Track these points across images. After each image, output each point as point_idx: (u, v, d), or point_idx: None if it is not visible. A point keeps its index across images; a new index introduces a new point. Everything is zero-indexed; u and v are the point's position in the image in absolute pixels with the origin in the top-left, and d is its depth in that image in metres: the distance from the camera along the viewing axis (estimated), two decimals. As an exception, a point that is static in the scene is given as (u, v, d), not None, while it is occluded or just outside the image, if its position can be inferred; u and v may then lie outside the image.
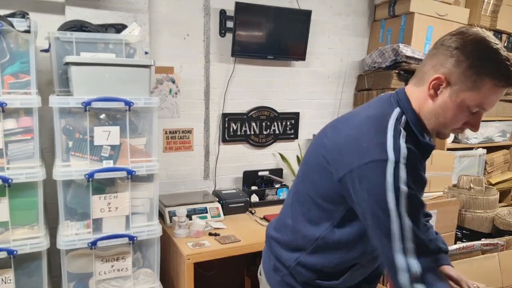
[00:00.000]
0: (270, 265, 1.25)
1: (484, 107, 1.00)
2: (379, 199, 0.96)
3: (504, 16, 3.17)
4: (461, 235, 2.76)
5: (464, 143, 3.19)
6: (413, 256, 0.96)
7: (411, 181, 0.96)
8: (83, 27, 1.93)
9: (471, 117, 1.02)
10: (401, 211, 0.95)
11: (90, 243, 1.86)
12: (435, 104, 1.03)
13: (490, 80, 0.96)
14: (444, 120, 1.03)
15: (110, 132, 1.85)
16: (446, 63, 0.99)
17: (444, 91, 1.01)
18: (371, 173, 0.97)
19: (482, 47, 0.96)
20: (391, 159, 0.96)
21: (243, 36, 2.63)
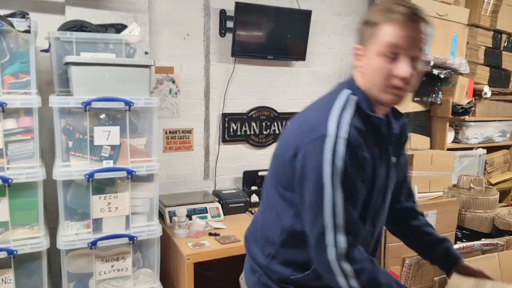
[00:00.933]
0: (248, 267, 1.26)
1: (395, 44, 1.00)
2: (317, 174, 0.98)
3: (504, 16, 3.17)
4: (461, 235, 2.76)
5: (464, 143, 3.19)
6: (342, 233, 0.98)
7: (349, 158, 0.98)
8: (83, 27, 1.93)
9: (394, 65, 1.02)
10: (335, 186, 0.97)
11: (90, 243, 1.86)
12: (365, 70, 1.07)
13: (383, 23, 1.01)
14: (373, 79, 1.04)
15: (110, 132, 1.85)
16: (357, 36, 1.09)
17: (363, 57, 1.06)
18: (313, 149, 1.00)
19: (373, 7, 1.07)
20: (331, 134, 0.98)
21: (243, 36, 2.63)
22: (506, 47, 3.30)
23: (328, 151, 0.97)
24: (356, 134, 1.00)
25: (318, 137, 0.99)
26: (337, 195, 0.98)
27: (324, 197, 0.98)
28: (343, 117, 1.02)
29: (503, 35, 3.26)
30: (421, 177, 2.80)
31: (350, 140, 0.98)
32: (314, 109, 1.12)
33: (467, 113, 3.01)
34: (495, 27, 3.16)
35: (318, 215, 0.99)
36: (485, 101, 3.17)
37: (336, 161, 0.97)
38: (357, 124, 1.02)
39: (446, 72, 2.95)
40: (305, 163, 1.01)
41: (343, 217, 0.98)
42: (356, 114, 1.04)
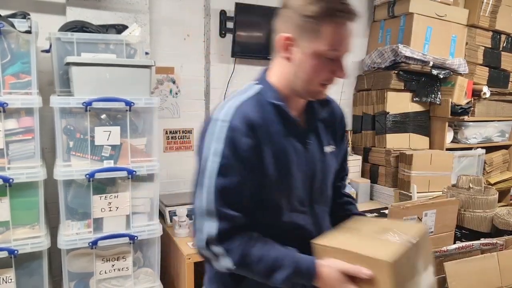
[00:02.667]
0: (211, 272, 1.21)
1: (336, 48, 0.98)
2: (199, 157, 1.00)
3: (503, 17, 3.18)
4: (460, 234, 2.76)
5: (463, 143, 3.20)
6: (214, 219, 0.96)
7: (229, 143, 0.96)
8: (84, 27, 1.94)
9: (332, 64, 1.00)
10: (211, 170, 0.96)
11: (90, 242, 1.86)
12: (293, 64, 1.02)
13: (323, 18, 0.95)
14: (306, 76, 1.01)
15: (111, 132, 1.86)
16: (284, 25, 1.00)
17: (295, 49, 1.00)
18: (201, 132, 1.02)
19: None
20: (217, 118, 0.99)
21: (243, 37, 2.64)
22: (505, 48, 3.31)
23: (209, 134, 0.98)
24: (240, 120, 0.97)
25: (209, 121, 1.01)
26: (210, 180, 0.96)
27: (200, 181, 0.98)
28: (235, 104, 1.01)
29: (502, 35, 3.27)
30: (420, 177, 2.81)
31: (231, 125, 0.97)
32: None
33: (466, 113, 3.02)
34: (494, 27, 3.16)
35: (194, 198, 1.01)
36: (484, 101, 3.18)
37: (214, 144, 0.96)
38: (248, 111, 1.00)
39: (445, 72, 2.96)
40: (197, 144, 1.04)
41: (214, 202, 0.96)
42: (254, 101, 1.03)
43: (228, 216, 0.97)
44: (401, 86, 2.93)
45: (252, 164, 0.99)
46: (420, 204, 2.47)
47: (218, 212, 0.97)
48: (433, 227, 2.54)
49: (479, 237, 2.51)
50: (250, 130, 0.98)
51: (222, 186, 0.96)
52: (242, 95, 1.05)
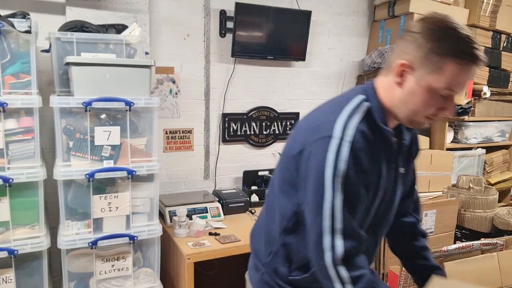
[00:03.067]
0: (252, 264, 1.26)
1: (453, 89, 0.97)
2: (318, 176, 0.97)
3: (503, 16, 3.17)
4: (460, 234, 2.76)
5: (464, 143, 3.20)
6: (340, 238, 0.96)
7: (352, 162, 0.95)
8: (83, 27, 1.94)
9: (443, 102, 0.99)
10: (336, 189, 0.95)
11: (90, 242, 1.86)
12: (404, 91, 1.01)
13: (452, 59, 0.93)
14: (414, 107, 1.00)
15: (111, 132, 1.85)
16: (408, 48, 0.98)
17: (410, 77, 0.99)
18: (316, 149, 0.98)
19: (440, 28, 0.96)
20: (336, 136, 0.97)
21: (243, 37, 2.64)
22: (506, 47, 3.31)
23: (331, 153, 0.95)
24: (361, 139, 0.98)
25: (323, 137, 0.98)
26: (337, 198, 0.95)
27: (324, 199, 0.96)
28: (350, 121, 0.99)
29: (502, 35, 3.26)
30: (420, 177, 2.81)
31: (354, 144, 0.96)
32: (324, 110, 1.09)
33: (466, 113, 3.02)
34: (494, 27, 3.16)
35: (317, 217, 0.97)
36: (484, 101, 3.18)
37: (338, 163, 0.95)
38: (365, 130, 1.00)
39: (445, 72, 2.96)
40: (309, 163, 1.00)
41: (341, 222, 0.96)
42: (365, 121, 1.02)
43: (355, 235, 0.98)
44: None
45: (369, 184, 1.02)
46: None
47: (345, 231, 0.96)
48: (433, 227, 2.54)
49: (479, 237, 2.51)
50: (368, 150, 0.99)
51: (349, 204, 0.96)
52: (354, 112, 1.02)
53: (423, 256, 1.32)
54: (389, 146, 1.08)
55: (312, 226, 0.99)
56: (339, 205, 0.96)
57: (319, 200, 0.97)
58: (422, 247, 1.33)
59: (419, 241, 1.34)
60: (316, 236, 0.98)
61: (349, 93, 1.11)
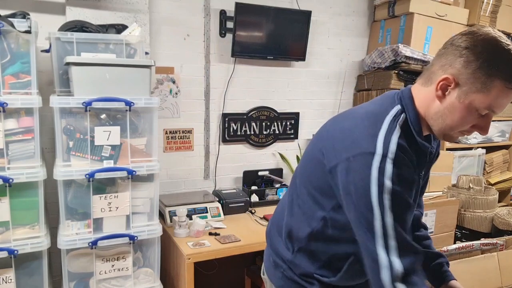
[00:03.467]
0: (271, 262, 1.26)
1: (493, 110, 0.96)
2: (363, 193, 0.94)
3: (504, 17, 3.18)
4: (460, 234, 2.76)
5: (464, 143, 3.20)
6: (396, 255, 0.94)
7: (397, 177, 0.94)
8: (83, 27, 1.94)
9: (480, 120, 0.99)
10: (385, 207, 0.93)
11: (90, 242, 1.86)
12: (443, 105, 0.99)
13: (501, 81, 0.92)
14: (451, 122, 1.00)
15: (111, 132, 1.85)
16: (455, 63, 0.95)
17: (452, 92, 0.97)
18: (357, 165, 0.96)
19: (492, 47, 0.92)
20: (379, 153, 0.94)
21: (243, 37, 2.64)
22: (506, 47, 3.31)
23: (375, 170, 0.93)
24: (402, 153, 0.96)
25: (364, 153, 0.96)
26: (387, 216, 0.93)
27: (374, 217, 0.94)
28: (392, 136, 0.97)
29: (502, 35, 3.26)
30: (420, 177, 2.81)
31: (397, 160, 0.94)
32: (361, 119, 1.04)
33: (466, 113, 3.02)
34: (494, 27, 3.16)
35: (368, 232, 0.95)
36: (484, 101, 3.18)
37: (384, 181, 0.93)
38: (404, 144, 0.98)
39: (445, 72, 2.96)
40: (350, 179, 0.97)
41: (394, 239, 0.94)
42: (403, 133, 1.00)
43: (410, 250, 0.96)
44: (401, 86, 2.93)
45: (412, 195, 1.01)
46: (420, 204, 2.46)
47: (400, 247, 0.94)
48: (433, 227, 2.54)
49: (479, 237, 2.51)
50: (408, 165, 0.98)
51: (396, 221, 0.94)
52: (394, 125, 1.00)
53: (425, 245, 1.34)
54: (424, 157, 1.09)
55: (365, 242, 0.97)
56: (390, 222, 0.94)
57: (369, 218, 0.95)
58: (424, 237, 1.35)
59: (421, 232, 1.36)
60: (372, 253, 0.96)
61: (384, 101, 1.08)
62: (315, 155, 1.10)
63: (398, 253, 0.94)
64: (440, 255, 1.34)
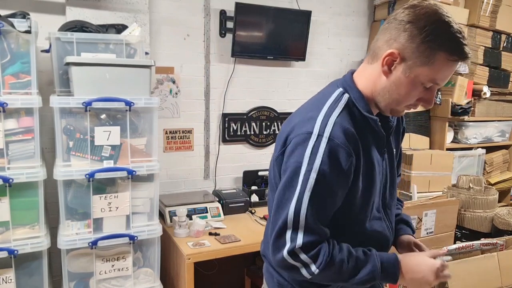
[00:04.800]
0: (274, 283, 1.20)
1: (437, 82, 0.98)
2: (294, 171, 0.97)
3: (504, 16, 3.17)
4: (460, 234, 2.76)
5: (464, 143, 3.20)
6: (300, 232, 0.96)
7: (328, 158, 0.95)
8: (83, 27, 1.94)
9: (425, 93, 1.00)
10: (307, 185, 0.95)
11: (90, 242, 1.86)
12: (389, 80, 1.00)
13: (443, 54, 0.93)
14: (397, 96, 1.00)
15: (111, 132, 1.85)
16: (399, 37, 0.95)
17: (398, 67, 0.97)
18: (295, 146, 0.99)
19: (434, 20, 0.94)
20: (315, 133, 0.97)
21: (243, 37, 2.64)
22: (506, 47, 3.31)
23: (308, 149, 0.96)
24: (340, 134, 0.97)
25: (301, 134, 0.99)
26: (305, 195, 0.96)
27: (294, 194, 0.97)
28: (330, 117, 0.99)
29: (502, 35, 3.26)
30: (420, 177, 2.81)
31: (332, 140, 0.96)
32: (305, 108, 1.10)
33: (466, 113, 3.02)
34: (494, 27, 3.16)
35: (283, 210, 0.98)
36: (484, 101, 3.18)
37: (314, 160, 0.95)
38: (346, 124, 0.99)
39: (445, 72, 2.96)
40: (286, 160, 1.01)
41: (304, 218, 0.96)
42: (346, 113, 1.02)
43: (317, 230, 0.98)
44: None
45: (348, 179, 1.00)
46: (420, 204, 2.47)
47: (308, 226, 0.96)
48: (433, 227, 2.54)
49: (479, 237, 2.51)
50: (349, 144, 0.98)
51: (316, 201, 0.96)
52: (334, 106, 1.02)
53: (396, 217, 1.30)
54: (377, 133, 1.07)
55: (276, 218, 0.99)
56: (306, 201, 0.96)
57: (288, 194, 0.98)
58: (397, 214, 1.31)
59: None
60: (279, 230, 0.98)
61: (327, 88, 1.11)
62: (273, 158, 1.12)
63: (303, 232, 0.97)
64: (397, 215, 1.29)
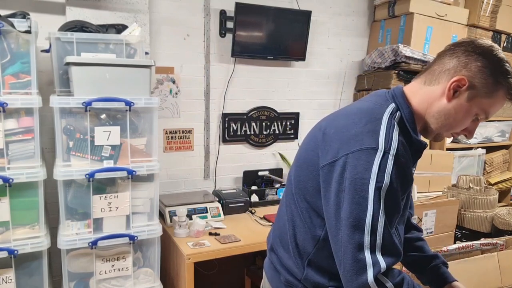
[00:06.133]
0: (281, 281, 1.17)
1: (487, 115, 1.03)
2: (359, 188, 0.93)
3: (504, 16, 3.17)
4: (460, 234, 2.76)
5: (464, 143, 3.20)
6: (379, 253, 0.93)
7: (396, 176, 0.94)
8: (83, 27, 1.94)
9: (472, 123, 1.05)
10: (380, 203, 0.93)
11: (90, 242, 1.86)
12: (450, 104, 1.02)
13: (505, 90, 0.99)
14: (452, 122, 1.03)
15: (111, 132, 1.85)
16: (469, 65, 0.99)
17: (463, 94, 1.00)
18: (357, 161, 0.94)
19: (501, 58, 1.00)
20: (381, 149, 0.94)
21: (243, 37, 2.64)
22: (506, 47, 3.31)
23: (375, 166, 0.93)
24: (404, 153, 0.97)
25: (366, 149, 0.95)
26: (379, 213, 0.93)
27: (366, 213, 0.93)
28: (393, 133, 0.97)
29: (502, 35, 3.26)
30: (420, 177, 2.81)
31: (398, 157, 0.95)
32: (357, 117, 1.02)
33: (466, 113, 3.02)
34: (494, 27, 3.16)
35: (355, 231, 0.93)
36: (484, 101, 3.18)
37: (383, 177, 0.93)
38: (405, 142, 0.99)
39: (445, 72, 2.96)
40: (346, 175, 0.95)
41: (381, 237, 0.93)
42: (401, 132, 1.01)
43: (395, 251, 0.96)
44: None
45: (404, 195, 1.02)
46: (420, 204, 2.47)
47: (384, 246, 0.94)
48: (433, 227, 2.54)
49: (479, 237, 2.51)
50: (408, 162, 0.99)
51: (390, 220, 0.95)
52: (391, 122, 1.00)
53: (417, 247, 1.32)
54: (418, 155, 1.10)
55: (349, 241, 0.94)
56: (381, 220, 0.93)
57: (359, 214, 0.93)
58: (416, 238, 1.33)
59: (413, 234, 1.33)
60: (354, 253, 0.93)
61: (377, 99, 1.08)
62: (309, 158, 1.08)
63: (381, 252, 0.94)
64: (435, 256, 1.31)
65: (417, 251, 1.32)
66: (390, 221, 0.96)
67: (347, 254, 0.95)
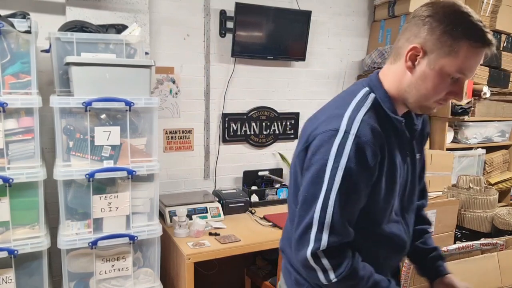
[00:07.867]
0: (292, 280, 1.19)
1: (464, 72, 0.97)
2: (318, 167, 0.97)
3: (504, 16, 3.17)
4: (460, 234, 2.76)
5: (464, 143, 3.20)
6: (326, 231, 0.96)
7: (355, 156, 0.95)
8: (83, 27, 1.94)
9: (453, 86, 1.00)
10: (334, 182, 0.95)
11: (90, 242, 1.86)
12: (414, 75, 1.00)
13: (466, 41, 0.94)
14: (425, 91, 1.00)
15: (111, 132, 1.85)
16: (420, 32, 0.97)
17: (422, 61, 0.98)
18: (320, 142, 0.99)
19: (453, 11, 0.96)
20: (342, 129, 0.97)
21: (243, 37, 2.64)
22: (506, 47, 3.31)
23: (335, 146, 0.96)
24: (368, 132, 0.97)
25: (328, 130, 0.98)
26: (332, 192, 0.96)
27: (321, 191, 0.97)
28: (357, 114, 0.99)
29: (502, 35, 3.26)
30: (420, 177, 2.81)
31: (360, 137, 0.96)
32: (330, 106, 1.10)
33: (466, 113, 3.02)
34: (494, 27, 3.16)
35: (309, 208, 0.98)
36: (484, 101, 3.18)
37: (341, 156, 0.95)
38: (372, 122, 0.99)
39: (445, 72, 2.96)
40: (311, 156, 1.00)
41: (331, 216, 0.96)
42: (372, 113, 1.02)
43: (343, 230, 0.98)
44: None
45: (373, 177, 1.00)
46: (420, 204, 2.46)
47: (334, 225, 0.96)
48: (433, 227, 2.54)
49: (479, 237, 2.51)
50: (376, 143, 0.98)
51: (343, 199, 0.96)
52: (360, 105, 1.02)
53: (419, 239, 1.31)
54: (402, 134, 1.08)
55: (302, 217, 1.00)
56: (333, 198, 0.96)
57: (314, 192, 0.98)
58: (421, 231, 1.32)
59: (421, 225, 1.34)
60: (304, 228, 0.98)
61: (353, 87, 1.11)
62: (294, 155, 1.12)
63: (328, 231, 0.96)
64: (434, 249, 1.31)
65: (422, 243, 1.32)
66: (346, 200, 0.97)
67: (298, 228, 1.01)
